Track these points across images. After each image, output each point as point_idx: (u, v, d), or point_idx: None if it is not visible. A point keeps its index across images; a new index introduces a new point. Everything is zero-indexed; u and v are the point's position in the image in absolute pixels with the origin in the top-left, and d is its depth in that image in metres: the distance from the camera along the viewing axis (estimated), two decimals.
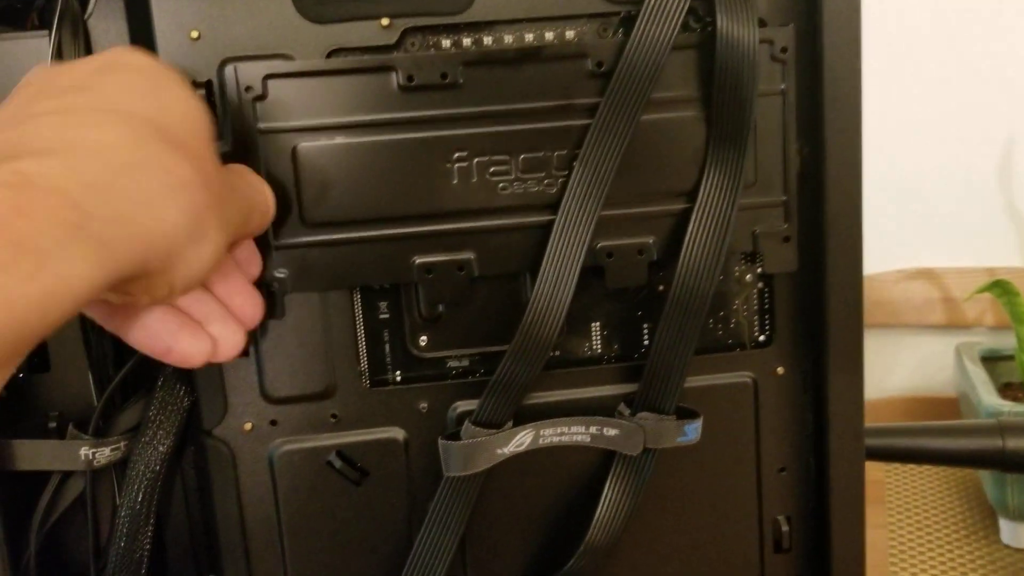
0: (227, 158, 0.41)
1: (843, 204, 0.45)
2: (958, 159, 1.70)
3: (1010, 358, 1.55)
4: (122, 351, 0.45)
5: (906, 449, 0.76)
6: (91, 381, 0.45)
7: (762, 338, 0.48)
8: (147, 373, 0.45)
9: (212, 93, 0.42)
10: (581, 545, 0.46)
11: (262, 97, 0.41)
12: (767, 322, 0.48)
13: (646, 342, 0.47)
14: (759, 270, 0.47)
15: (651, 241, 0.45)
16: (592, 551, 0.46)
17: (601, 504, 0.46)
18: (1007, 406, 1.34)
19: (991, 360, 1.55)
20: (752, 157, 0.45)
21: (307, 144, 0.42)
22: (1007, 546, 1.47)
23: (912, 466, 1.62)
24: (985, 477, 1.53)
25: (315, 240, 0.43)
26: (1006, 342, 1.60)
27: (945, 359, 1.71)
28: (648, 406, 0.45)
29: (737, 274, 0.47)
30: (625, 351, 0.47)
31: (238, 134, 0.42)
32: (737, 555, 0.50)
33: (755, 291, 0.48)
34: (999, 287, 1.49)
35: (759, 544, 0.50)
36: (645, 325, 0.47)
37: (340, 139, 0.42)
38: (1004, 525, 1.49)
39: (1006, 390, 1.48)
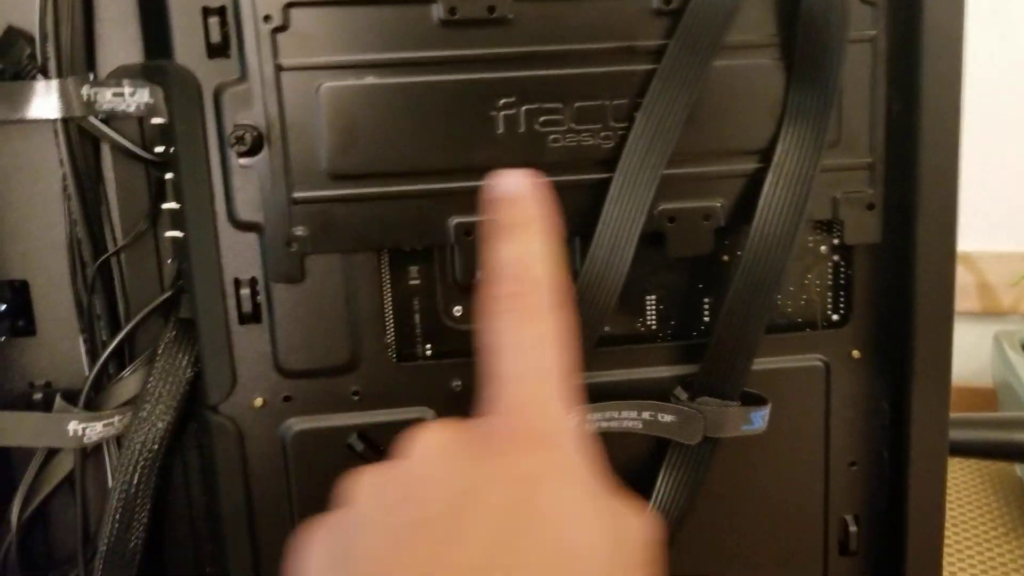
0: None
1: (939, 168, 0.40)
2: (997, 140, 1.64)
3: None
4: (117, 314, 0.40)
5: (962, 442, 0.71)
6: (82, 347, 0.40)
7: (836, 317, 0.43)
8: (146, 340, 0.40)
9: (226, 22, 0.37)
10: None
11: (283, 28, 0.37)
12: (842, 300, 0.43)
13: (706, 318, 0.42)
14: (836, 241, 0.42)
15: (719, 205, 0.40)
16: None
17: (654, 499, 0.42)
18: None
19: None
20: (836, 112, 0.39)
21: (333, 84, 0.37)
22: None
23: None
24: None
25: (340, 195, 0.38)
26: None
27: (980, 347, 1.65)
28: (709, 390, 0.40)
29: (811, 244, 0.42)
30: (683, 328, 0.42)
31: (255, 71, 0.37)
32: (798, 557, 0.45)
33: (830, 264, 0.43)
34: None
35: (823, 545, 0.45)
36: (706, 299, 0.42)
37: (371, 79, 0.37)
38: None
39: None
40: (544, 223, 0.33)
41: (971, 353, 1.71)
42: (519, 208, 0.33)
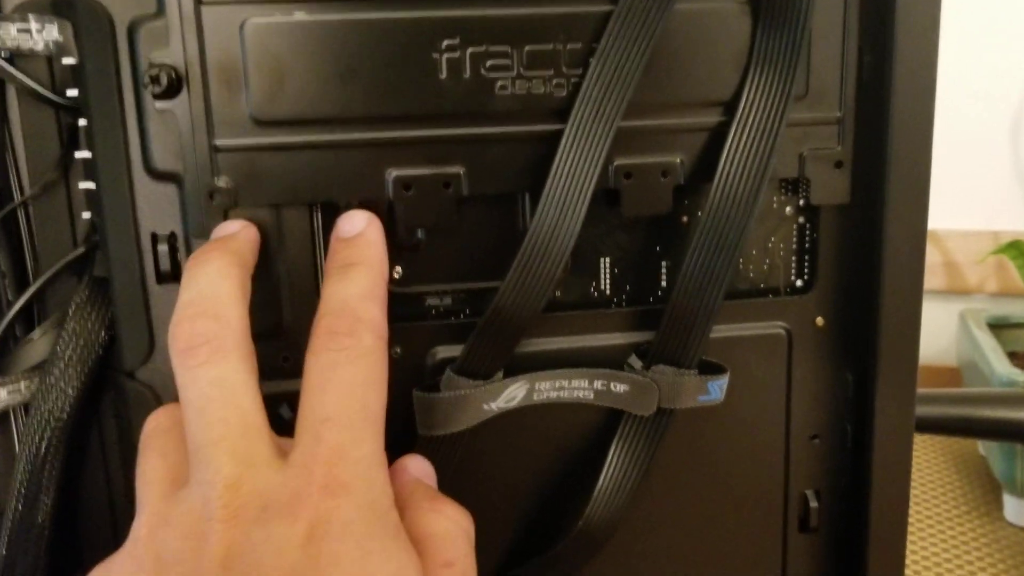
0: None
1: (912, 125, 0.37)
2: (967, 119, 1.64)
3: (1017, 326, 1.50)
4: (25, 272, 0.37)
5: (928, 418, 0.70)
6: None
7: (800, 283, 0.41)
8: (57, 300, 0.37)
9: None
10: (580, 520, 0.39)
11: None
12: (807, 264, 0.40)
13: (664, 283, 0.40)
14: (801, 202, 0.40)
15: (678, 160, 0.37)
16: (591, 527, 0.39)
17: (604, 473, 0.39)
18: (1022, 376, 1.28)
19: (996, 328, 1.49)
20: (805, 62, 0.37)
21: (259, 20, 0.34)
22: (1011, 524, 1.42)
23: None
24: (991, 451, 1.48)
25: (267, 143, 0.35)
26: (1009, 309, 1.55)
27: (944, 325, 1.65)
28: (665, 358, 0.38)
29: (775, 205, 0.40)
30: (639, 293, 0.40)
31: (173, 4, 0.34)
32: (756, 533, 0.43)
33: (795, 226, 0.40)
34: (1015, 248, 1.42)
35: (782, 522, 0.43)
36: (664, 263, 0.40)
37: (300, 16, 0.34)
38: (1009, 502, 1.44)
39: (1012, 359, 1.42)
40: (382, 266, 0.33)
41: (936, 332, 1.71)
42: (357, 248, 0.33)
